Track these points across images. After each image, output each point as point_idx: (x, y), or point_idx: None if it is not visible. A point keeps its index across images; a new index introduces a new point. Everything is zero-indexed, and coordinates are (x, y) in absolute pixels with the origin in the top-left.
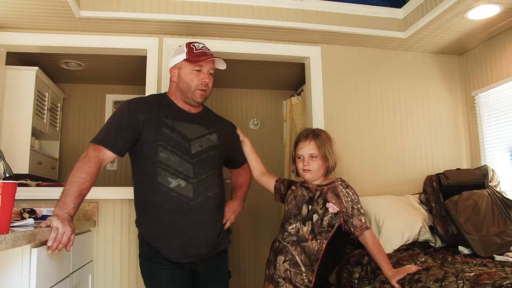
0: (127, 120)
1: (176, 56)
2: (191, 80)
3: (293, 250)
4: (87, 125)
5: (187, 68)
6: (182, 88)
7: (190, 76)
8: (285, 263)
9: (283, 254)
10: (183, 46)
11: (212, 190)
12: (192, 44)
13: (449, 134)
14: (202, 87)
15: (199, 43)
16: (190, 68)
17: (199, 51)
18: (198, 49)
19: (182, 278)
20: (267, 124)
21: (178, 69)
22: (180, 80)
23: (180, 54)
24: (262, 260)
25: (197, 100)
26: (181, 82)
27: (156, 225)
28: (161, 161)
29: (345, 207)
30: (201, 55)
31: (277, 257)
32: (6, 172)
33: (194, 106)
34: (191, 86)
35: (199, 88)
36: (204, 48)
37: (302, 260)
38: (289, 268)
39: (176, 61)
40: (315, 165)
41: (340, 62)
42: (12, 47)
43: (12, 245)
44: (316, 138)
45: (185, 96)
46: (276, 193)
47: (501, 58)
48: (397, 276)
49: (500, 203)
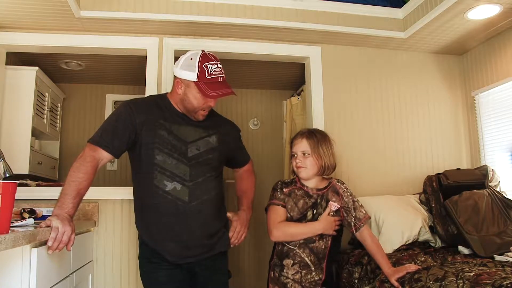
0: (124, 121)
1: (186, 71)
2: (197, 103)
3: (301, 253)
4: (87, 125)
5: (194, 90)
6: (186, 105)
7: (197, 100)
8: (295, 265)
9: (291, 258)
10: (195, 61)
11: (208, 193)
12: (205, 64)
13: (449, 134)
14: (206, 108)
15: (212, 63)
16: (197, 91)
17: (211, 78)
18: (210, 73)
19: (180, 278)
20: (267, 124)
21: (185, 86)
22: (185, 97)
23: (190, 72)
24: (262, 260)
25: (198, 119)
26: (185, 100)
27: (153, 227)
28: (158, 163)
29: (346, 202)
30: (213, 85)
31: (284, 261)
32: (6, 172)
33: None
34: (195, 107)
35: (202, 110)
36: (217, 71)
37: (312, 261)
38: (300, 270)
39: (184, 76)
40: (308, 162)
41: (340, 62)
42: (12, 47)
43: (12, 245)
44: (309, 137)
45: (187, 111)
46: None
47: (501, 58)
48: (397, 274)
49: (500, 203)
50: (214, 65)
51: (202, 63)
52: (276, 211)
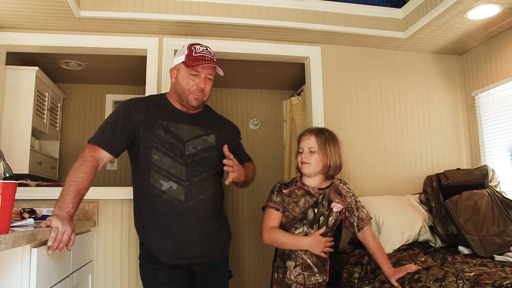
0: (123, 120)
1: (177, 57)
2: (186, 84)
3: (303, 254)
4: (87, 125)
5: (184, 71)
6: (178, 90)
7: (186, 80)
8: (297, 267)
9: (293, 259)
10: (185, 47)
11: (205, 192)
12: (193, 46)
13: (449, 134)
14: (197, 92)
15: (200, 46)
16: (187, 72)
17: (198, 55)
18: (197, 52)
19: (180, 278)
20: (267, 124)
21: (176, 71)
22: (177, 82)
23: (180, 56)
24: (262, 260)
25: (191, 104)
26: (177, 84)
27: (149, 226)
28: (154, 163)
29: (349, 202)
30: (198, 59)
31: (286, 263)
32: (6, 172)
33: (190, 109)
34: (185, 90)
35: (193, 92)
36: (205, 51)
37: (314, 262)
38: (302, 272)
39: (175, 62)
40: (313, 159)
41: (340, 62)
42: (12, 47)
43: (12, 245)
44: (318, 134)
45: (181, 99)
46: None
47: (501, 58)
48: (397, 274)
49: (500, 203)
50: (202, 47)
51: (191, 46)
52: (270, 215)
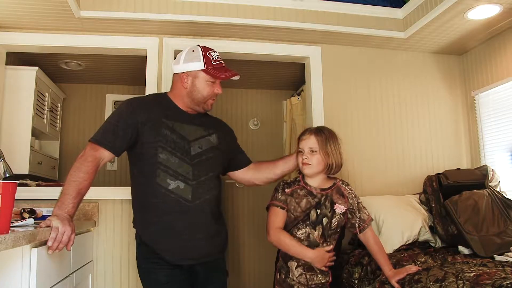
0: (125, 120)
1: (191, 63)
2: (207, 91)
3: None
4: (87, 125)
5: (203, 78)
6: (195, 97)
7: (207, 87)
8: (299, 268)
9: (295, 260)
10: (198, 52)
11: (210, 192)
12: (208, 52)
13: (449, 134)
14: (214, 97)
15: (213, 51)
16: (205, 79)
17: (217, 64)
18: (215, 60)
19: (180, 278)
20: (267, 124)
21: (192, 77)
22: (194, 89)
23: (196, 62)
24: (262, 260)
25: (207, 109)
26: (195, 91)
27: (154, 226)
28: (161, 162)
29: (351, 203)
30: (220, 69)
31: (288, 263)
32: (6, 172)
33: (195, 111)
34: (205, 96)
35: (211, 98)
36: (220, 58)
37: None
38: (304, 272)
39: (191, 68)
40: (314, 160)
41: (340, 62)
42: (12, 47)
43: (12, 245)
44: (318, 133)
45: (196, 104)
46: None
47: (501, 58)
48: (397, 276)
49: (500, 203)
50: (215, 53)
51: (206, 52)
52: (276, 213)
